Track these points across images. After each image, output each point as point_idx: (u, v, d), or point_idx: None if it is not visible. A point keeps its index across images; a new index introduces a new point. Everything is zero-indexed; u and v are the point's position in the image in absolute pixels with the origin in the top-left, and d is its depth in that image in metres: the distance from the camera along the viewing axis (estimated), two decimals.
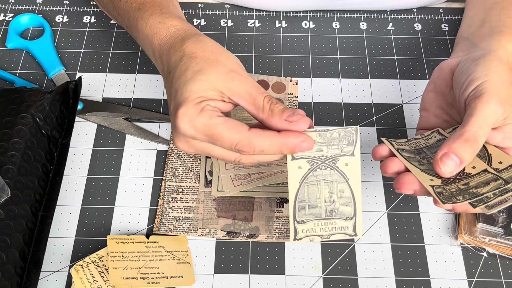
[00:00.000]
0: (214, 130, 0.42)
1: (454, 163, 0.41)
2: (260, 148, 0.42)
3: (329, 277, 0.49)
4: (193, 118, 0.42)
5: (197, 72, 0.43)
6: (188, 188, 0.53)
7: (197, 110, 0.42)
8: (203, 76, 0.43)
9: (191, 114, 0.42)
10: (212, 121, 0.42)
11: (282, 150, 0.42)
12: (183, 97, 0.43)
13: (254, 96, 0.43)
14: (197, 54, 0.44)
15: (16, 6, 0.68)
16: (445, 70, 0.49)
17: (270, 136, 0.42)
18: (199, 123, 0.42)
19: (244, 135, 0.41)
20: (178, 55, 0.45)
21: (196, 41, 0.46)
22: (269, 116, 0.42)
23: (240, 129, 0.42)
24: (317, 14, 0.68)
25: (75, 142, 0.57)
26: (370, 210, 0.53)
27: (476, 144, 0.41)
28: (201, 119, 0.42)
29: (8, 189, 0.47)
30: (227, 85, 0.43)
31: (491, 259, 0.50)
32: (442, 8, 0.69)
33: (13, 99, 0.53)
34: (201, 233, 0.51)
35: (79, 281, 0.47)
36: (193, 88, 0.42)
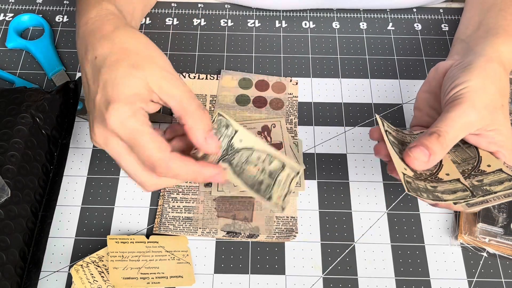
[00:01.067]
0: (140, 138, 0.41)
1: (423, 154, 0.42)
2: (175, 172, 0.42)
3: (329, 277, 0.49)
4: (124, 118, 0.41)
5: (131, 67, 0.42)
6: (188, 188, 0.53)
7: (130, 111, 0.41)
8: (137, 73, 0.42)
9: (124, 114, 0.41)
10: (142, 128, 0.41)
11: (197, 178, 0.43)
12: (117, 92, 0.41)
13: (184, 98, 0.42)
14: (130, 46, 0.43)
15: (16, 6, 0.68)
16: (440, 71, 0.49)
17: (189, 163, 0.42)
18: (129, 125, 0.41)
19: (166, 155, 0.41)
20: (108, 41, 0.43)
21: (128, 31, 0.44)
22: (194, 125, 0.42)
23: (164, 148, 0.41)
24: (317, 14, 0.68)
25: (75, 142, 0.57)
26: (370, 210, 0.53)
27: (443, 140, 0.43)
28: (132, 122, 0.41)
29: (8, 189, 0.47)
30: (160, 83, 0.42)
31: (491, 259, 0.50)
32: (442, 8, 0.69)
33: (13, 99, 0.53)
34: (201, 233, 0.51)
35: (79, 281, 0.47)
36: (127, 84, 0.41)
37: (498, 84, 0.45)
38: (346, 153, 0.56)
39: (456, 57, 0.50)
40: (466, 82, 0.44)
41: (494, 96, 0.44)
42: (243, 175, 0.46)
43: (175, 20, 0.67)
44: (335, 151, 0.57)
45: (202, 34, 0.66)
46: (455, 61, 0.48)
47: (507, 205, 0.51)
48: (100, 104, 0.42)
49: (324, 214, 0.53)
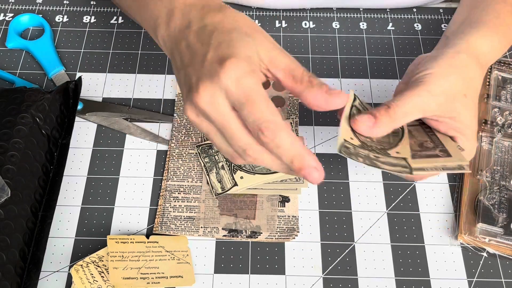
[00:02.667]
0: (256, 96, 0.39)
1: (369, 119, 0.43)
2: (278, 143, 0.39)
3: (329, 277, 0.49)
4: (242, 75, 0.39)
5: (243, 34, 0.41)
6: (190, 187, 0.53)
7: (249, 68, 0.39)
8: (249, 39, 0.41)
9: (241, 70, 0.39)
10: (258, 87, 0.39)
11: (293, 161, 0.40)
12: (234, 50, 0.40)
13: (293, 67, 0.42)
14: (241, 19, 0.43)
15: (16, 6, 0.68)
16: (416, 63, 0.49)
17: (296, 139, 0.40)
18: (246, 82, 0.39)
19: (279, 120, 0.39)
20: (219, 13, 0.43)
21: (234, 10, 0.44)
22: (308, 87, 0.41)
23: (277, 113, 0.39)
24: (317, 14, 0.68)
25: (75, 142, 0.57)
26: (370, 210, 0.53)
27: (392, 112, 0.44)
28: (249, 79, 0.39)
29: (8, 189, 0.47)
30: (270, 54, 0.41)
31: (491, 259, 0.50)
32: (442, 8, 0.69)
33: (13, 99, 0.53)
34: (202, 232, 0.51)
35: (79, 281, 0.47)
36: (244, 46, 0.40)
37: (463, 74, 0.46)
38: None
39: (434, 50, 0.51)
40: (429, 69, 0.45)
41: (455, 85, 0.45)
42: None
43: None
44: (335, 151, 0.57)
45: None
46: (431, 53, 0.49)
47: (507, 205, 0.51)
48: (213, 61, 0.40)
49: (324, 214, 0.53)
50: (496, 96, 0.58)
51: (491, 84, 0.59)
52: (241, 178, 0.53)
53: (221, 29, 0.42)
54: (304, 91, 0.41)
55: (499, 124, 0.56)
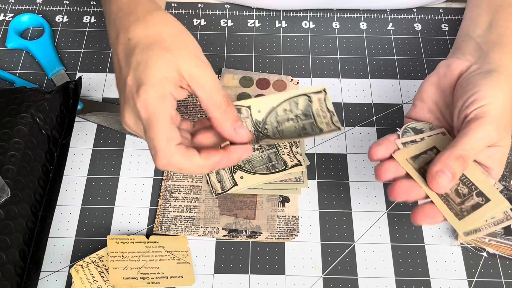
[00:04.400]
0: (154, 122, 0.41)
1: (448, 178, 0.42)
2: (176, 165, 0.42)
3: (329, 277, 0.49)
4: (150, 101, 0.41)
5: (163, 50, 0.42)
6: (190, 187, 0.53)
7: (158, 94, 0.41)
8: (170, 56, 0.42)
9: (150, 96, 0.41)
10: (162, 113, 0.41)
11: (203, 171, 0.43)
12: (148, 74, 0.41)
13: (213, 90, 0.42)
14: (164, 30, 0.43)
15: (16, 6, 0.68)
16: (454, 71, 0.48)
17: (192, 157, 0.42)
18: (151, 108, 0.41)
19: (169, 148, 0.41)
20: (141, 24, 0.43)
21: (162, 15, 0.44)
22: (222, 116, 0.43)
23: (171, 139, 0.41)
24: (317, 14, 0.68)
25: (75, 142, 0.57)
26: (370, 210, 0.53)
27: (465, 163, 0.42)
28: (156, 105, 0.41)
29: (8, 189, 0.47)
30: (191, 70, 0.42)
31: (491, 259, 0.50)
32: (442, 8, 0.69)
33: (13, 99, 0.53)
34: (202, 232, 0.51)
35: (79, 281, 0.47)
36: (159, 67, 0.41)
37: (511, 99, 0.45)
38: (346, 153, 0.56)
39: (470, 58, 0.49)
40: (490, 97, 0.44)
41: (509, 114, 0.44)
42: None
43: None
44: (335, 151, 0.57)
45: (202, 34, 0.66)
46: (470, 64, 0.47)
47: None
48: (132, 86, 0.42)
49: (324, 214, 0.53)
50: None
51: None
52: (241, 178, 0.53)
53: (142, 45, 0.43)
54: (217, 118, 0.43)
55: None
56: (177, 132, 0.42)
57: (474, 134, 0.42)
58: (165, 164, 0.42)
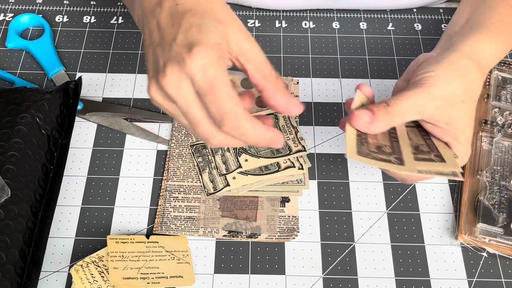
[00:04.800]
0: (219, 86, 0.39)
1: (367, 115, 0.44)
2: (242, 131, 0.40)
3: (329, 277, 0.49)
4: (207, 63, 0.38)
5: (215, 19, 0.40)
6: (190, 187, 0.53)
7: (216, 57, 0.39)
8: (221, 26, 0.40)
9: (208, 58, 0.38)
10: (222, 76, 0.39)
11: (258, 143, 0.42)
12: (204, 36, 0.39)
13: (263, 63, 0.42)
14: (215, 4, 0.41)
15: (16, 6, 0.68)
16: (419, 62, 0.49)
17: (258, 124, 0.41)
18: (211, 71, 0.39)
19: (240, 110, 0.39)
20: None
21: None
22: (274, 88, 0.42)
23: (238, 103, 0.40)
24: (317, 14, 0.68)
25: (75, 142, 0.57)
26: (370, 210, 0.53)
27: (390, 109, 0.44)
28: (214, 68, 0.39)
29: (8, 189, 0.47)
30: (241, 44, 0.41)
31: (491, 259, 0.50)
32: (442, 8, 0.69)
33: (13, 99, 0.53)
34: (202, 233, 0.51)
35: (79, 281, 0.47)
36: (213, 31, 0.39)
37: (464, 80, 0.46)
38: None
39: (438, 51, 0.50)
40: (431, 71, 0.45)
41: (455, 90, 0.45)
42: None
43: None
44: (335, 151, 0.57)
45: None
46: (434, 53, 0.49)
47: (507, 205, 0.51)
48: (181, 46, 0.39)
49: (324, 214, 0.53)
50: (496, 96, 0.58)
51: (491, 84, 0.59)
52: (234, 179, 0.53)
53: (194, 11, 0.40)
54: (269, 90, 0.42)
55: (499, 124, 0.56)
56: (239, 98, 0.40)
57: (404, 92, 0.45)
58: (232, 128, 0.40)
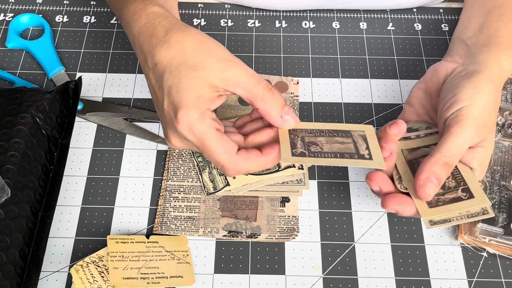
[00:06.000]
0: (207, 142, 0.43)
1: (434, 185, 0.43)
2: (245, 170, 0.44)
3: (329, 277, 0.49)
4: (192, 124, 0.42)
5: (191, 69, 0.42)
6: (190, 187, 0.53)
7: (197, 115, 0.42)
8: (198, 73, 0.42)
9: (191, 119, 0.42)
10: (208, 131, 0.43)
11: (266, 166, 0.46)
12: (182, 97, 0.42)
13: (251, 83, 0.43)
14: (186, 46, 0.43)
15: (16, 6, 0.68)
16: (440, 74, 0.49)
17: (256, 158, 0.44)
18: (197, 130, 0.42)
19: (232, 158, 0.43)
20: (164, 46, 0.44)
21: (180, 30, 0.44)
22: (266, 107, 0.44)
23: (230, 150, 0.43)
24: (317, 14, 0.68)
25: (75, 142, 0.57)
26: (370, 210, 0.53)
27: (450, 168, 0.44)
28: (199, 126, 0.42)
29: (8, 189, 0.47)
30: (222, 76, 0.43)
31: (491, 259, 0.50)
32: (442, 8, 0.69)
33: (13, 99, 0.53)
34: (202, 233, 0.51)
35: (79, 281, 0.47)
36: (191, 87, 0.42)
37: (495, 102, 0.46)
38: None
39: (458, 59, 0.49)
40: (469, 99, 0.44)
41: (491, 114, 0.45)
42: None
43: None
44: None
45: None
46: (456, 66, 0.48)
47: (507, 205, 0.51)
48: (169, 111, 0.43)
49: (324, 214, 0.53)
50: None
51: None
52: (234, 178, 0.53)
53: (170, 69, 0.43)
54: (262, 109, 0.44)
55: (499, 124, 0.56)
56: (230, 141, 0.43)
57: (455, 138, 0.43)
58: (235, 172, 0.44)
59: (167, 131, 0.45)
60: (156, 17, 0.46)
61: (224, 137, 0.43)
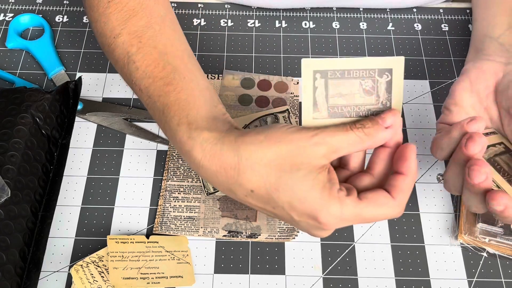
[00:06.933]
0: (364, 215, 0.39)
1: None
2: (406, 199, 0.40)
3: (329, 277, 0.49)
4: (339, 216, 0.38)
5: (292, 172, 0.38)
6: (190, 187, 0.53)
7: (336, 205, 0.38)
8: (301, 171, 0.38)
9: (335, 213, 0.38)
10: (358, 207, 0.39)
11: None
12: (310, 203, 0.38)
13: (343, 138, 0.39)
14: (267, 157, 0.39)
15: (16, 6, 0.68)
16: (488, 73, 0.48)
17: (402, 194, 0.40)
18: (348, 215, 0.39)
19: (395, 204, 0.39)
20: (247, 173, 0.39)
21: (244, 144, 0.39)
22: (368, 140, 0.39)
23: (385, 201, 0.39)
24: (317, 14, 0.68)
25: (75, 142, 0.57)
26: None
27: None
28: (347, 211, 0.38)
29: (8, 189, 0.47)
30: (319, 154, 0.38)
31: (491, 259, 0.50)
32: (442, 8, 0.69)
33: (13, 99, 0.53)
34: (202, 233, 0.51)
35: (79, 281, 0.47)
36: (307, 188, 0.38)
37: None
38: None
39: (499, 59, 0.49)
40: None
41: None
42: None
43: None
44: None
45: (202, 34, 0.66)
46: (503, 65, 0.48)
47: None
48: (306, 220, 0.40)
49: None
50: None
51: None
52: None
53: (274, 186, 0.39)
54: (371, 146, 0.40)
55: None
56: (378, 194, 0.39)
57: None
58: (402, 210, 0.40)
59: (312, 232, 0.42)
60: (213, 146, 0.40)
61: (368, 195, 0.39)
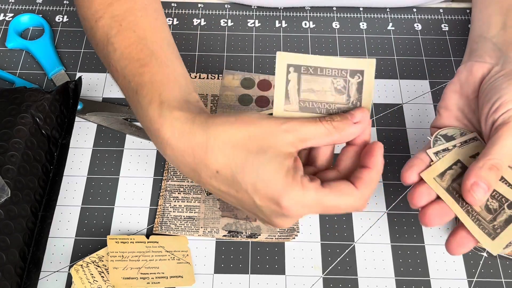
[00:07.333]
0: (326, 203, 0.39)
1: (483, 190, 0.41)
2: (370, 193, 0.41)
3: (329, 277, 0.49)
4: (300, 200, 0.39)
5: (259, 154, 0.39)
6: (190, 187, 0.53)
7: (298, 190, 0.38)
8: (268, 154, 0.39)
9: (297, 197, 0.38)
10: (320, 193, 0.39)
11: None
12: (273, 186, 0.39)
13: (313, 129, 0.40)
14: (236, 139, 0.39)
15: (16, 6, 0.68)
16: (475, 75, 0.47)
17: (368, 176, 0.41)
18: (309, 201, 0.39)
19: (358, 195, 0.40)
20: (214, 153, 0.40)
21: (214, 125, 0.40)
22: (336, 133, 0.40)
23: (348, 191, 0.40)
24: (317, 14, 0.68)
25: (75, 142, 0.57)
26: (370, 210, 0.53)
27: (499, 172, 0.41)
28: (309, 196, 0.39)
29: (8, 189, 0.47)
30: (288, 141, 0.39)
31: (491, 259, 0.50)
32: (442, 8, 0.69)
33: (13, 99, 0.53)
34: (202, 233, 0.51)
35: (79, 281, 0.47)
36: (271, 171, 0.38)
37: None
38: None
39: (489, 59, 0.48)
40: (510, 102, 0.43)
41: None
42: None
43: (175, 20, 0.67)
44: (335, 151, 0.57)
45: (202, 34, 0.66)
46: (491, 66, 0.47)
47: None
48: (268, 205, 0.40)
49: (324, 214, 0.53)
50: None
51: None
52: None
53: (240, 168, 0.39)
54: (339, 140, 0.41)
55: None
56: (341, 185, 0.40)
57: (504, 140, 0.41)
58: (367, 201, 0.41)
59: (272, 220, 0.41)
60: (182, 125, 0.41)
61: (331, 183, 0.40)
